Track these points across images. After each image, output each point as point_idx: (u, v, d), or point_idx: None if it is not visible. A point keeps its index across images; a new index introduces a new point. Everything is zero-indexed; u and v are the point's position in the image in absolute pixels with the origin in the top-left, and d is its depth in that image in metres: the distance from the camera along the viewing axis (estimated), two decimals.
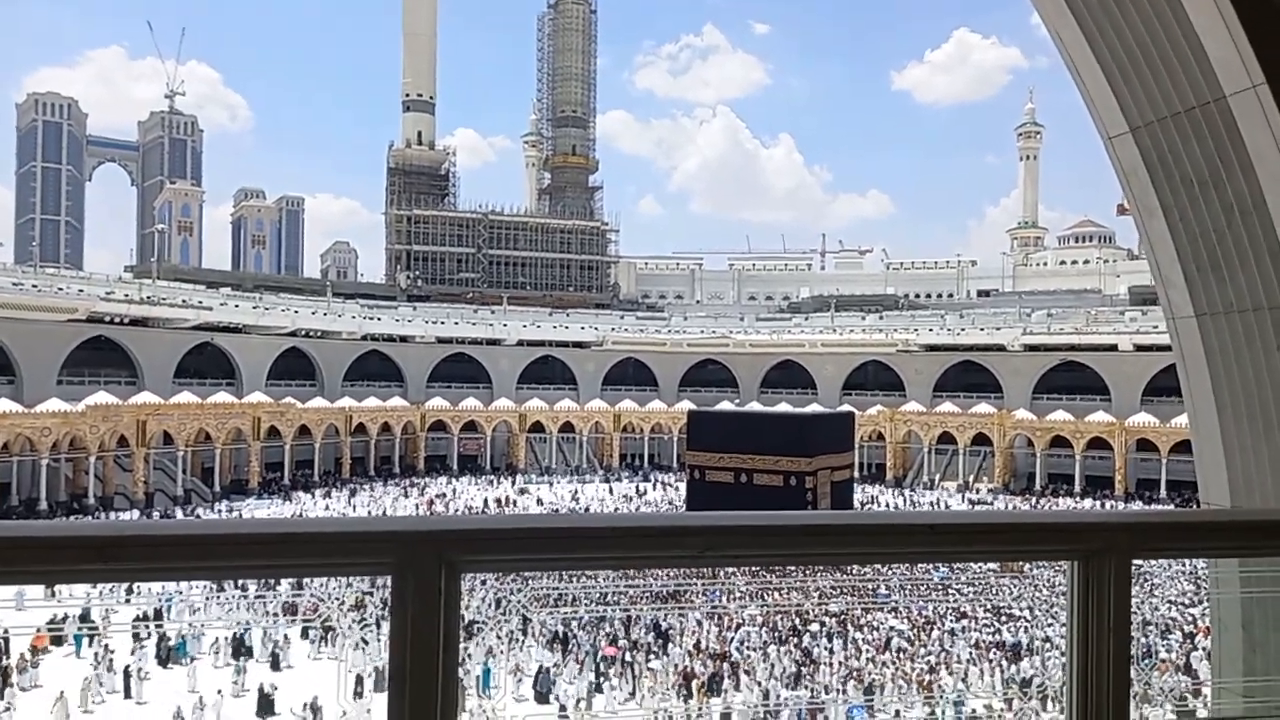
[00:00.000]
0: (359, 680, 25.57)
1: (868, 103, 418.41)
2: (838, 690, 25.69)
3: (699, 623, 31.54)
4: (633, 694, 25.94)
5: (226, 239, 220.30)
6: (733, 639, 29.66)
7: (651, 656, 28.16)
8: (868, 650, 28.87)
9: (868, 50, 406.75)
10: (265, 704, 23.75)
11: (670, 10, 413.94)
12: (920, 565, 35.07)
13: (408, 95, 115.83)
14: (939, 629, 31.39)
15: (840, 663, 27.63)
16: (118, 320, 64.31)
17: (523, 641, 29.52)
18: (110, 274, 78.24)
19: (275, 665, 27.48)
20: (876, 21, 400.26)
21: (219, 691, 24.30)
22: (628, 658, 27.84)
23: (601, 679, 26.67)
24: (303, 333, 77.27)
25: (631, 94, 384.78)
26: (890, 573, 35.14)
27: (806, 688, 26.02)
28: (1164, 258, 3.50)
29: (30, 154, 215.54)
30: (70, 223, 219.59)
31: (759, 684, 26.03)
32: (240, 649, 28.28)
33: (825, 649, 28.72)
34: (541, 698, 25.62)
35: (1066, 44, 3.32)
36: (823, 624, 31.11)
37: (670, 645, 29.33)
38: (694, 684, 25.76)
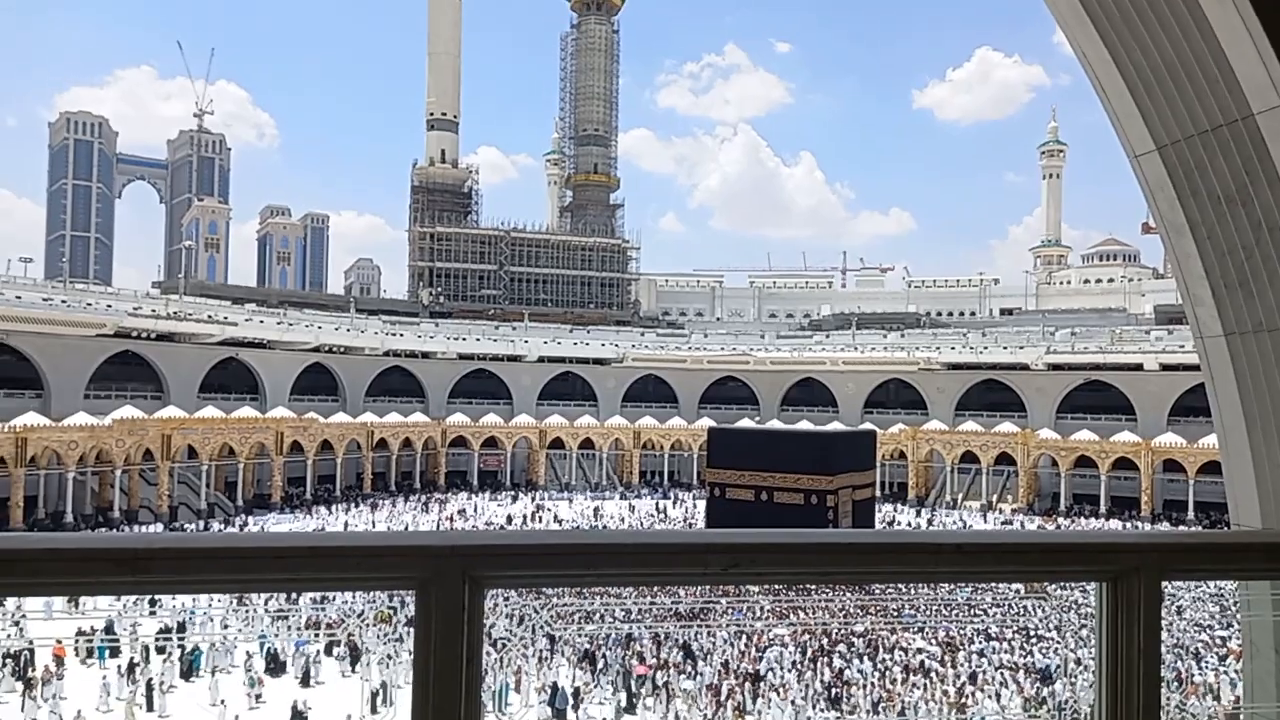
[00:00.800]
0: (382, 691, 25.59)
1: (889, 121, 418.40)
2: (867, 712, 25.41)
3: (729, 642, 31.30)
4: (666, 715, 25.70)
5: (252, 255, 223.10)
6: (763, 658, 29.35)
7: (683, 676, 27.89)
8: (896, 671, 28.52)
9: (889, 69, 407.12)
10: None
11: (692, 30, 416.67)
12: (944, 585, 34.79)
13: (432, 114, 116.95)
14: (965, 650, 31.02)
15: (874, 684, 27.31)
16: (145, 335, 65.11)
17: (549, 659, 29.30)
18: (138, 290, 79.21)
19: (305, 681, 27.54)
20: (897, 40, 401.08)
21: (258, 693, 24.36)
22: (659, 678, 27.57)
23: (634, 699, 26.42)
24: (326, 348, 77.90)
25: (653, 112, 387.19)
26: (915, 593, 34.91)
27: (840, 709, 25.74)
28: (1191, 276, 3.46)
29: (61, 171, 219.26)
30: (100, 239, 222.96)
31: (792, 704, 25.76)
32: (273, 664, 28.36)
33: (857, 670, 28.40)
34: (559, 714, 25.49)
35: (1091, 62, 3.31)
36: (850, 644, 30.82)
37: (700, 664, 29.04)
38: (730, 705, 25.52)
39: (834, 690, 26.77)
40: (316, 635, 30.36)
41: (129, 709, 24.37)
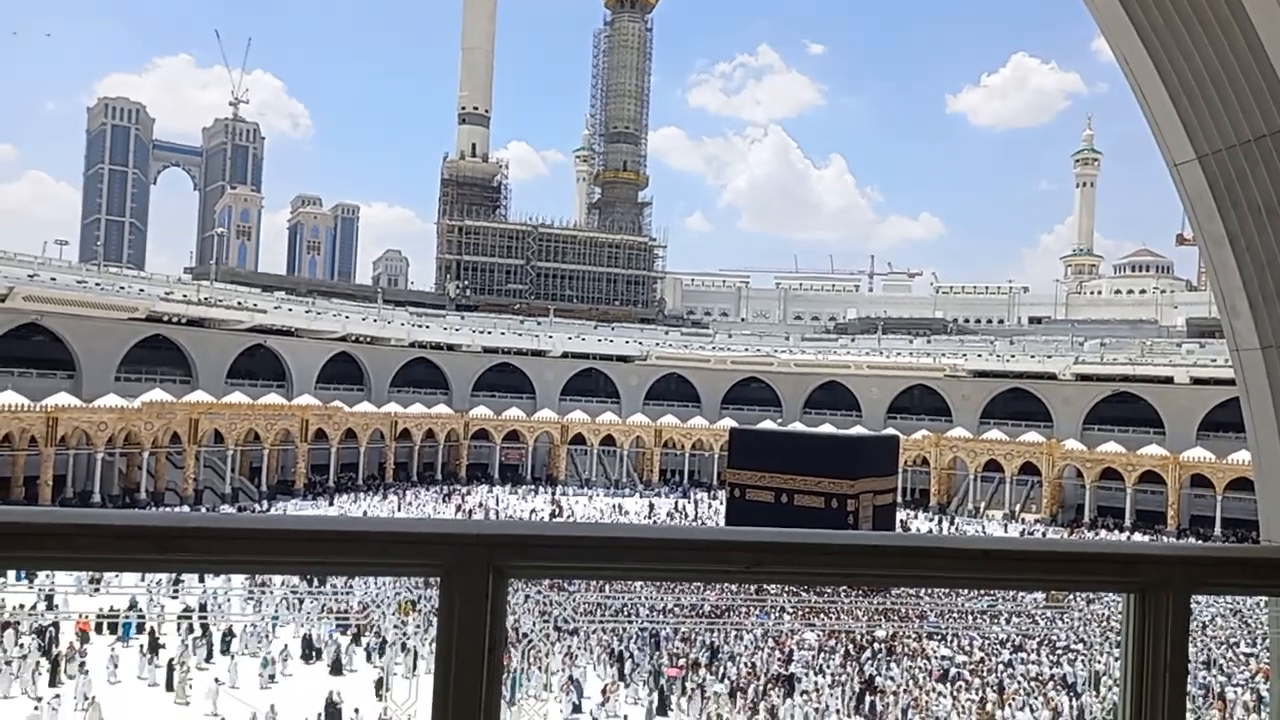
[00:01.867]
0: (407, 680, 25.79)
1: (921, 125, 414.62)
2: (896, 717, 25.29)
3: (758, 645, 31.14)
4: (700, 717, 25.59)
5: (283, 244, 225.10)
6: (792, 661, 29.17)
7: (710, 677, 27.68)
8: (924, 679, 28.31)
9: (922, 73, 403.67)
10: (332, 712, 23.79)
11: (726, 29, 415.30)
12: (966, 592, 34.54)
13: (463, 108, 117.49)
14: (989, 659, 30.80)
15: (904, 689, 27.15)
16: (175, 320, 65.93)
17: (572, 656, 29.20)
18: (170, 275, 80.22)
19: (337, 669, 27.77)
20: (932, 44, 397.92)
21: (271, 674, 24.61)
22: (690, 679, 27.36)
23: (666, 701, 26.26)
24: (353, 338, 78.52)
25: (684, 111, 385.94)
26: (936, 600, 34.73)
27: (869, 715, 25.62)
28: (1229, 287, 3.41)
29: (99, 156, 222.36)
30: (134, 224, 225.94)
31: (825, 707, 25.65)
32: (308, 649, 28.60)
33: (886, 676, 28.22)
34: (575, 709, 25.57)
35: (1133, 68, 3.26)
36: (874, 650, 30.64)
37: (727, 665, 28.83)
38: (762, 707, 25.40)
39: (865, 696, 26.55)
40: (344, 627, 30.62)
41: (182, 687, 24.64)
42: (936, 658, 30.42)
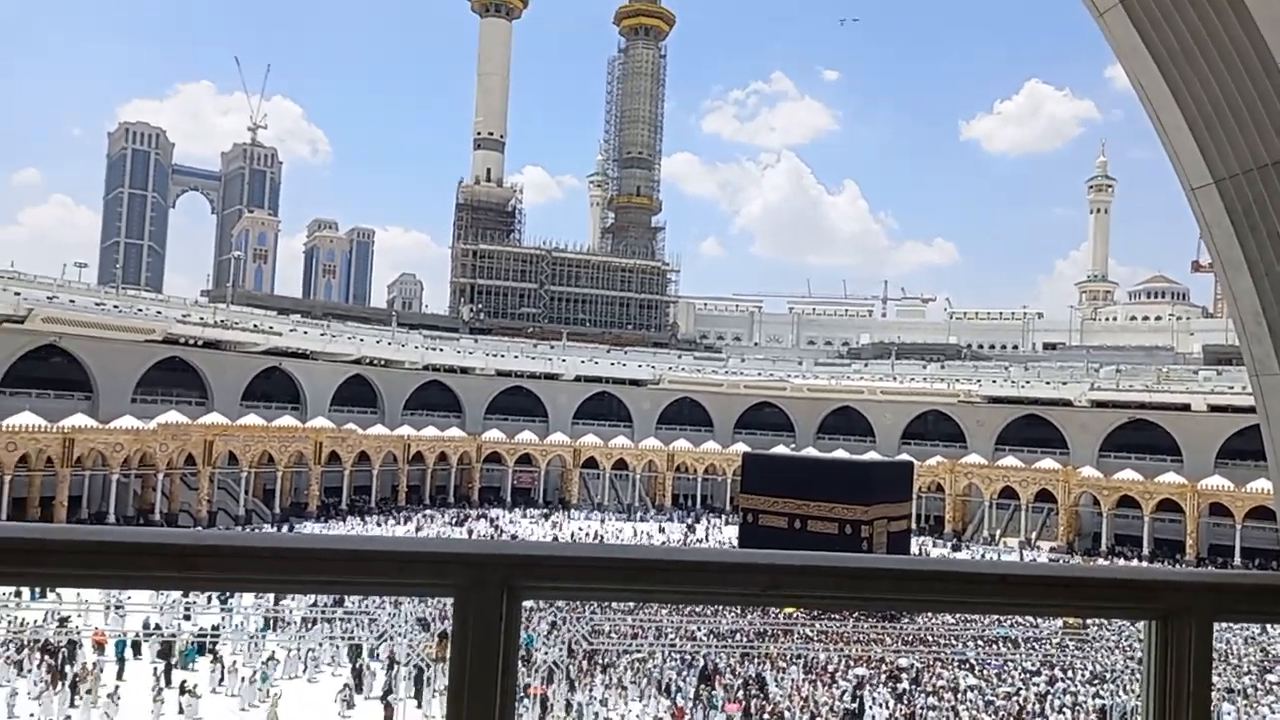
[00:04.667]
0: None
1: (935, 151, 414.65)
2: None
3: (807, 679, 30.63)
4: None
5: (299, 267, 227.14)
6: (847, 694, 28.66)
7: (764, 713, 27.12)
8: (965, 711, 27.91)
9: (936, 99, 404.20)
10: None
11: (739, 56, 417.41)
12: (982, 619, 34.14)
13: (479, 134, 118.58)
14: (1009, 686, 30.43)
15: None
16: (192, 342, 66.40)
17: (620, 689, 28.62)
18: (187, 297, 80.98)
19: (359, 686, 27.71)
20: (946, 71, 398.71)
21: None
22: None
23: None
24: (367, 361, 78.84)
25: (698, 137, 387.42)
26: (963, 627, 34.37)
27: None
28: (1247, 313, 3.39)
29: (119, 180, 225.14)
30: (153, 247, 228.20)
31: None
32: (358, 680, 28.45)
33: (928, 706, 27.80)
34: None
35: (1149, 93, 3.26)
36: (895, 679, 30.26)
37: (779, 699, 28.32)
38: None
39: None
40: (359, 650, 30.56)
41: (272, 711, 24.51)
42: (963, 687, 30.01)
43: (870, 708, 27.60)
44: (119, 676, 26.98)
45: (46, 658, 27.71)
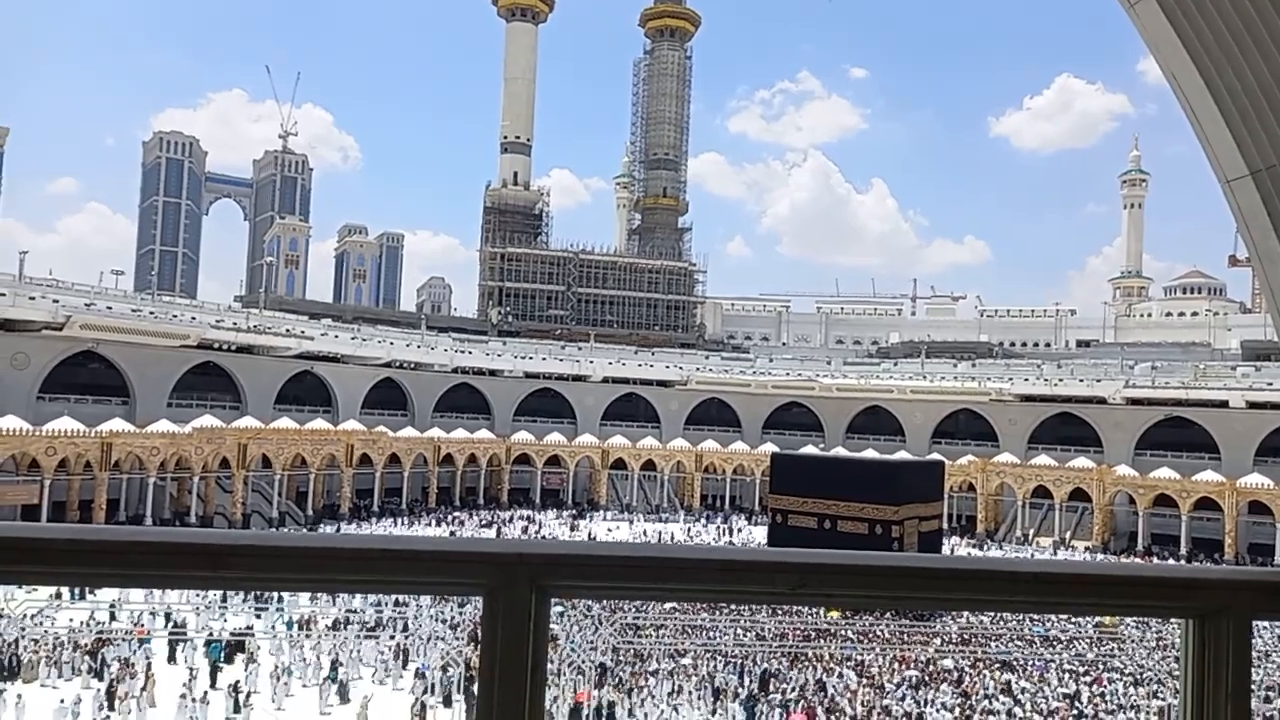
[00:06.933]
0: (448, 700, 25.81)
1: (965, 149, 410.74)
2: None
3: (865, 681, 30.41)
4: None
5: (330, 272, 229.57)
6: (902, 695, 28.42)
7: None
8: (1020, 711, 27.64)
9: (966, 96, 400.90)
10: None
11: (766, 56, 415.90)
12: (1016, 617, 33.77)
13: (506, 137, 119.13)
14: (1037, 683, 30.08)
15: None
16: (225, 347, 67.33)
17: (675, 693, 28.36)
18: (220, 303, 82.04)
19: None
20: (975, 68, 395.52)
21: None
22: None
23: None
24: (397, 364, 79.51)
25: (724, 138, 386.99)
26: (997, 626, 34.03)
27: None
28: None
29: (153, 189, 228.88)
30: (187, 254, 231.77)
31: None
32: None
33: (989, 711, 27.56)
34: None
35: (1182, 86, 3.21)
36: (954, 683, 30.00)
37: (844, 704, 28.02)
38: None
39: None
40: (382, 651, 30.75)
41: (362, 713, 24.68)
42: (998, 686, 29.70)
43: (929, 710, 27.33)
44: (191, 677, 27.20)
45: (88, 659, 28.23)
